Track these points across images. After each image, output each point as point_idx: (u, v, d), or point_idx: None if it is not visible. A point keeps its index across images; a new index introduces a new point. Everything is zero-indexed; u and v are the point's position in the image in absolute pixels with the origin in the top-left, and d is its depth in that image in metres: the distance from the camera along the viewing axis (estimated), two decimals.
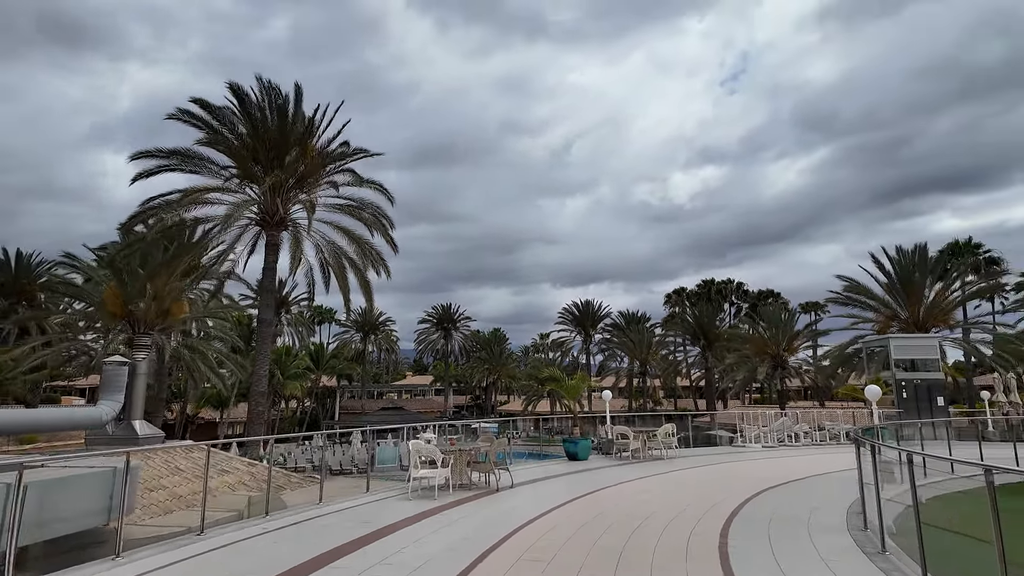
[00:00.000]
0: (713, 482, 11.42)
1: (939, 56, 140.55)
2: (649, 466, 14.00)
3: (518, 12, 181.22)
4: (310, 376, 56.50)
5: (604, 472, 12.92)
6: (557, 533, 7.10)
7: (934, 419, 21.99)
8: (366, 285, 22.70)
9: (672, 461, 14.91)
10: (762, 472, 13.01)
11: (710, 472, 13.20)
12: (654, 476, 12.18)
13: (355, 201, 22.44)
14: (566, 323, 72.05)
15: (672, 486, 10.89)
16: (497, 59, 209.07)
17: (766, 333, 46.73)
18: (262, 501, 9.56)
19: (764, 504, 9.17)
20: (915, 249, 31.01)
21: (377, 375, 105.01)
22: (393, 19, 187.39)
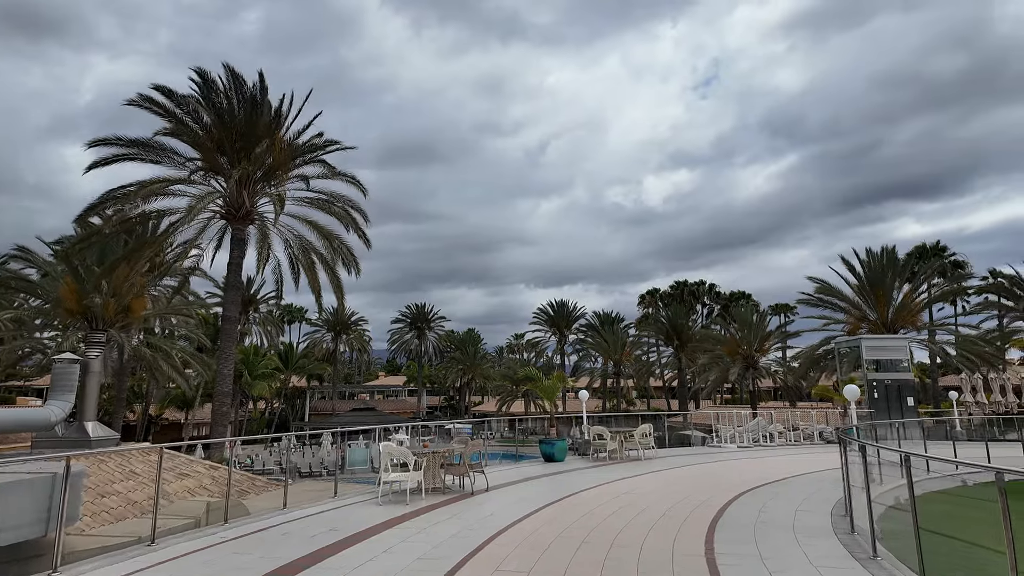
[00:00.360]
0: (693, 483, 11.17)
1: (900, 67, 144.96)
2: (627, 467, 13.72)
3: (493, 14, 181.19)
4: (279, 376, 55.21)
5: (581, 474, 12.59)
6: (535, 541, 6.71)
7: (904, 419, 22.27)
8: (337, 282, 22.01)
9: (650, 462, 14.67)
10: (741, 473, 12.85)
11: (689, 473, 12.97)
12: (633, 478, 11.90)
13: (326, 195, 21.76)
14: (541, 323, 71.90)
15: (651, 488, 10.60)
16: (472, 59, 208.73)
17: (738, 334, 47.16)
18: (222, 507, 8.98)
19: (747, 507, 8.93)
20: (883, 251, 31.51)
21: (349, 376, 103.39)
22: (368, 16, 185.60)
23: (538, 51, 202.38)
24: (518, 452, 18.08)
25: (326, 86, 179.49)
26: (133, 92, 19.23)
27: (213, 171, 20.92)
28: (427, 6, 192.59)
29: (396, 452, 9.61)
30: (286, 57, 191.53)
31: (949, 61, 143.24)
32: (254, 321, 64.47)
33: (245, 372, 47.98)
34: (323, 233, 21.48)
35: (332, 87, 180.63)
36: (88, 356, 12.70)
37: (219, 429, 19.91)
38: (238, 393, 52.16)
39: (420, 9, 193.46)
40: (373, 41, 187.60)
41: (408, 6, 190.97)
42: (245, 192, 20.48)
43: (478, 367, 75.70)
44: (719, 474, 12.72)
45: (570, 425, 32.28)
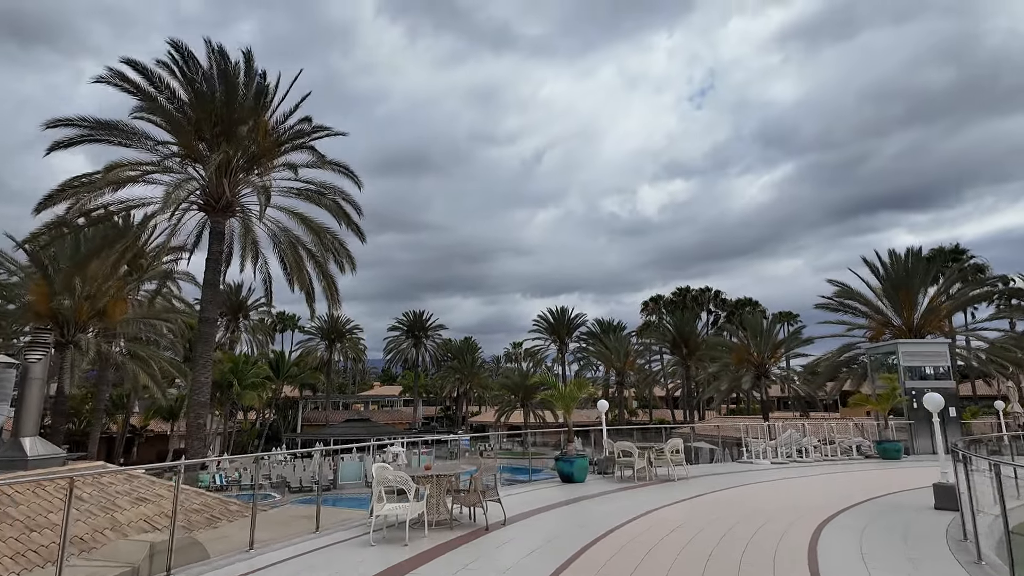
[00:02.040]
0: (753, 512, 9.21)
1: (890, 80, 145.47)
2: (660, 490, 11.77)
3: (487, 24, 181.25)
4: (270, 386, 52.98)
5: (611, 499, 10.62)
6: None
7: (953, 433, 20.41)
8: (329, 281, 20.08)
9: (686, 483, 12.71)
10: (797, 498, 10.92)
11: (737, 498, 11.00)
12: (675, 504, 9.95)
13: (316, 185, 19.84)
14: (540, 331, 69.96)
15: (705, 520, 8.65)
16: (467, 70, 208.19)
17: (749, 341, 45.31)
18: (180, 546, 6.97)
19: (840, 545, 6.99)
20: (908, 252, 29.78)
21: (343, 386, 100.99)
22: (361, 27, 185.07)
23: (531, 62, 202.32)
24: (530, 466, 16.06)
25: (320, 95, 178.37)
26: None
27: (191, 157, 19.01)
28: (421, 16, 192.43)
29: (392, 477, 7.64)
30: (280, 67, 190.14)
31: (938, 74, 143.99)
32: (244, 329, 62.37)
33: (235, 381, 45.81)
34: (312, 227, 19.54)
35: (326, 96, 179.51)
36: (29, 360, 10.69)
37: (195, 443, 17.83)
38: (227, 403, 49.97)
39: (414, 18, 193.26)
40: (366, 51, 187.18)
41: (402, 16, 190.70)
42: (226, 181, 18.57)
43: (476, 376, 73.65)
44: (773, 499, 10.77)
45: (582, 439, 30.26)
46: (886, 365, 23.03)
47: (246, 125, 17.51)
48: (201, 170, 19.15)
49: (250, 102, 18.16)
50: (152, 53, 22.01)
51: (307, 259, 19.80)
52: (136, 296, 32.13)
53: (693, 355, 51.49)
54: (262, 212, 18.78)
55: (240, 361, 47.22)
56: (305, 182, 19.98)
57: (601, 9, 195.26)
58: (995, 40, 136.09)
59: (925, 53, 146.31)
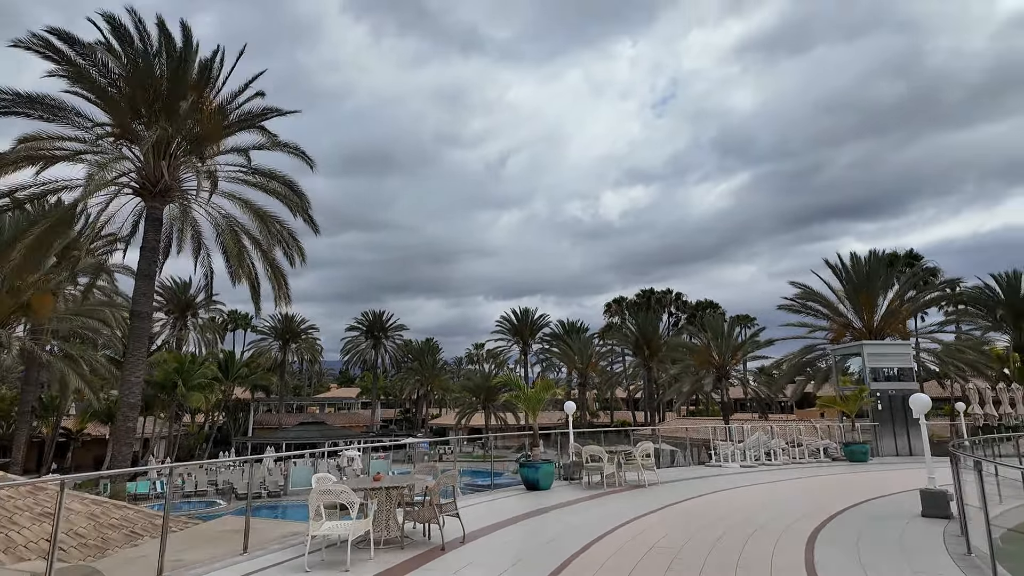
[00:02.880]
0: (734, 521, 8.46)
1: (843, 93, 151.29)
2: (632, 498, 10.97)
3: (453, 27, 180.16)
4: (218, 387, 50.50)
5: (581, 510, 9.75)
6: None
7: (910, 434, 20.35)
8: (277, 274, 18.64)
9: (657, 490, 11.95)
10: (782, 504, 10.25)
11: (714, 505, 10.28)
12: (649, 515, 9.13)
13: (265, 171, 18.39)
14: (503, 333, 69.06)
15: (686, 532, 7.85)
16: (432, 71, 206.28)
17: (710, 343, 45.42)
18: None
19: (840, 563, 6.24)
20: (871, 255, 30.04)
21: (298, 388, 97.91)
22: (327, 22, 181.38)
23: (498, 65, 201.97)
24: (492, 471, 15.11)
25: (283, 90, 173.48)
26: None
27: (127, 138, 17.37)
28: (386, 15, 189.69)
29: (332, 491, 6.56)
30: (242, 60, 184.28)
31: (888, 89, 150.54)
32: (193, 328, 59.47)
33: (179, 382, 43.35)
34: (258, 214, 18.08)
35: (288, 91, 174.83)
36: None
37: (123, 449, 16.18)
38: (172, 405, 47.31)
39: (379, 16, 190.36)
40: (331, 47, 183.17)
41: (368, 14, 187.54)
42: (164, 163, 17.02)
43: (436, 378, 72.24)
44: (753, 507, 10.07)
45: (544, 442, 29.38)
46: (847, 367, 22.97)
47: (186, 101, 15.99)
48: (138, 151, 17.53)
49: (192, 77, 16.66)
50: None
51: (253, 250, 18.36)
52: (70, 290, 29.82)
53: (655, 357, 51.43)
54: (209, 196, 17.30)
55: (186, 361, 44.76)
56: (254, 167, 18.55)
57: (568, 15, 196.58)
58: (939, 59, 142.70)
59: (876, 68, 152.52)
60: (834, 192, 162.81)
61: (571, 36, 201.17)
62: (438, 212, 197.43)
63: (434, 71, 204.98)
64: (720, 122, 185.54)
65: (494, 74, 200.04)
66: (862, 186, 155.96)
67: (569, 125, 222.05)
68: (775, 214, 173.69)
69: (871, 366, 21.11)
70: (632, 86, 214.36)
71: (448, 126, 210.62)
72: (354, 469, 44.62)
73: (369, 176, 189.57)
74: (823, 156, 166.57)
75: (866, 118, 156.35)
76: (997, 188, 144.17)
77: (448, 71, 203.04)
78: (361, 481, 7.74)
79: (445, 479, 7.56)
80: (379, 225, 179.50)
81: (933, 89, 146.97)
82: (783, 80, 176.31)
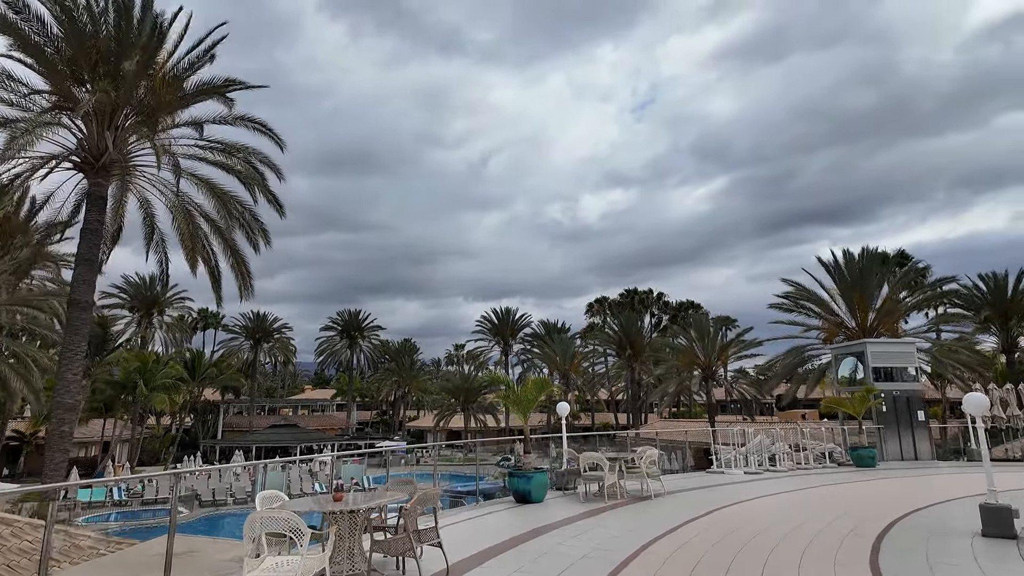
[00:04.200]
0: (779, 548, 7.03)
1: (817, 101, 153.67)
2: (639, 513, 9.54)
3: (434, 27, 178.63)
4: (184, 388, 48.05)
5: (583, 530, 8.26)
6: None
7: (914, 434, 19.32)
8: (239, 260, 16.85)
9: (663, 502, 10.55)
10: (815, 519, 8.85)
11: (742, 523, 8.82)
12: (669, 535, 7.68)
13: (225, 145, 16.56)
14: (484, 333, 67.48)
15: (724, 562, 6.41)
16: (413, 71, 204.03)
17: (696, 343, 44.41)
18: None
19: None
20: (864, 252, 29.18)
21: (272, 389, 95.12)
22: (305, 20, 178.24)
23: (480, 67, 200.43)
24: (476, 475, 13.60)
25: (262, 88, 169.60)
26: None
27: (67, 108, 15.47)
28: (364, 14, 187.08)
29: (281, 519, 4.98)
30: (218, 57, 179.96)
31: (861, 97, 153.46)
32: (159, 327, 56.82)
33: (140, 382, 40.94)
34: (216, 191, 16.26)
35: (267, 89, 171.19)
36: None
37: (56, 456, 14.26)
38: (134, 407, 44.80)
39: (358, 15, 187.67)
40: (310, 45, 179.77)
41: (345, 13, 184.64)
42: (109, 134, 15.17)
43: (415, 379, 70.34)
44: (782, 523, 8.65)
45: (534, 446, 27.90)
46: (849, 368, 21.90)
47: (131, 61, 14.19)
48: (81, 124, 15.64)
49: (141, 37, 14.82)
50: None
51: (212, 235, 16.56)
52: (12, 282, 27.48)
53: (639, 357, 50.30)
54: (158, 167, 15.42)
55: (149, 360, 42.35)
56: (213, 142, 16.73)
57: (550, 18, 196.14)
58: (911, 68, 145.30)
59: (849, 77, 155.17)
60: (809, 197, 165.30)
61: (553, 39, 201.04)
62: (418, 213, 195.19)
63: (414, 71, 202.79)
64: (698, 127, 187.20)
65: (476, 75, 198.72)
66: (836, 192, 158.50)
67: (551, 128, 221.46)
68: (752, 218, 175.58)
69: (874, 365, 20.04)
70: (613, 90, 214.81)
71: (429, 126, 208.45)
72: (326, 474, 42.68)
73: (348, 176, 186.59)
74: (797, 162, 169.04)
75: (839, 125, 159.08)
76: (964, 196, 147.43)
77: (429, 71, 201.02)
78: (318, 501, 6.16)
79: (424, 498, 6.02)
80: (358, 225, 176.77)
81: (904, 98, 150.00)
82: (759, 87, 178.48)
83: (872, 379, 19.79)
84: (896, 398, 19.62)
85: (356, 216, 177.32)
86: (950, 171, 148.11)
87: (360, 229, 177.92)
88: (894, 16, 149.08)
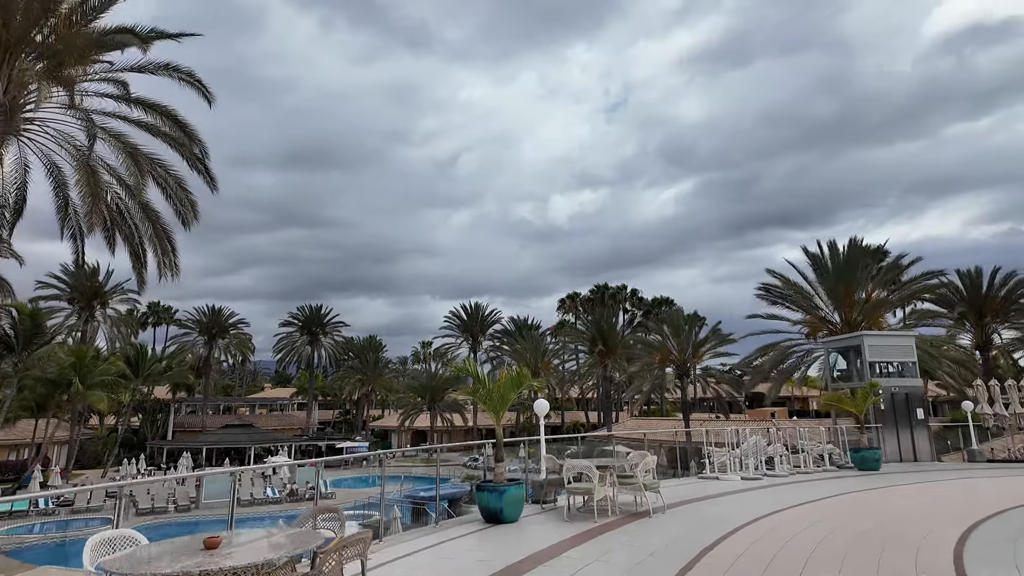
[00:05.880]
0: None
1: (780, 107, 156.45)
2: (641, 536, 7.60)
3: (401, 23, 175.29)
4: (128, 386, 44.52)
5: (575, 565, 6.28)
6: None
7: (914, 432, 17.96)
8: (159, 230, 14.36)
9: (661, 520, 8.66)
10: (844, 537, 7.04)
11: (772, 545, 6.96)
12: (693, 570, 5.75)
13: (143, 101, 14.04)
14: (452, 329, 65.20)
15: None
16: (381, 67, 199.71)
17: (671, 340, 43.07)
18: None
19: None
20: (851, 243, 28.03)
21: (229, 388, 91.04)
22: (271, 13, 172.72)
23: (450, 64, 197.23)
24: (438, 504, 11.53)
25: (221, 79, 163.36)
26: None
27: None
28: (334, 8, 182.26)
29: None
30: (178, 46, 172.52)
31: (821, 105, 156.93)
32: (103, 320, 52.92)
33: (76, 380, 37.48)
34: (128, 149, 13.69)
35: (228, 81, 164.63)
36: None
37: None
38: (71, 406, 41.19)
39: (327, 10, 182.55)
40: (276, 38, 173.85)
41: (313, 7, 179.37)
42: (1, 81, 12.57)
43: (379, 378, 67.63)
44: (826, 550, 6.81)
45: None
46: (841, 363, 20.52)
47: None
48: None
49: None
50: None
51: (127, 199, 14.04)
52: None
53: (611, 354, 48.78)
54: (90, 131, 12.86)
55: (86, 355, 38.90)
56: (133, 98, 14.20)
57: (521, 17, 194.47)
58: (867, 78, 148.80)
59: (809, 84, 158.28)
60: (771, 201, 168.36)
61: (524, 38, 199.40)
62: (385, 211, 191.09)
63: (383, 67, 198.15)
64: (666, 130, 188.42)
65: (446, 72, 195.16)
66: (796, 196, 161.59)
67: (522, 127, 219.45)
68: (716, 221, 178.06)
69: (871, 360, 18.63)
70: (586, 91, 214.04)
71: (396, 123, 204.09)
72: (281, 478, 39.88)
73: (313, 172, 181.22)
74: (761, 167, 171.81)
75: (800, 132, 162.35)
76: (919, 201, 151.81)
77: (397, 68, 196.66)
78: (187, 548, 4.01)
79: (347, 546, 3.93)
80: (323, 222, 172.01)
81: (861, 107, 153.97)
82: (726, 92, 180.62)
83: (870, 374, 18.39)
84: (895, 395, 18.24)
85: (321, 212, 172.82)
86: (902, 179, 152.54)
87: (324, 226, 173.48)
88: (855, 26, 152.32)
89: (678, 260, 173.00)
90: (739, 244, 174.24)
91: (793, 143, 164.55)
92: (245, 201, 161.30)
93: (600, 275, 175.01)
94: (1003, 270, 31.92)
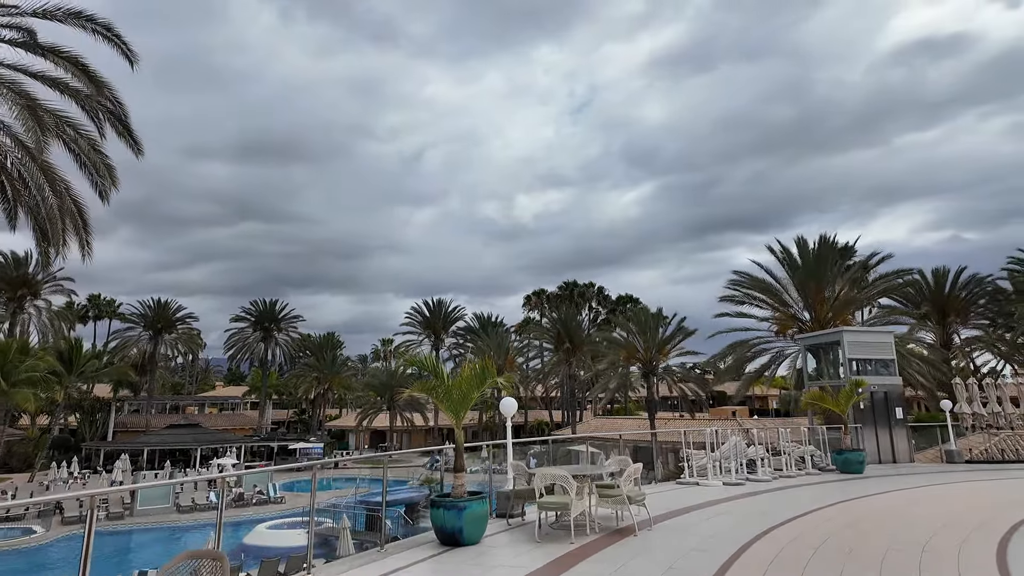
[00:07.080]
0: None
1: (741, 112, 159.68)
2: (632, 560, 6.28)
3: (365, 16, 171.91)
4: (59, 383, 41.30)
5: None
6: None
7: None
8: (62, 199, 12.35)
9: (650, 537, 7.38)
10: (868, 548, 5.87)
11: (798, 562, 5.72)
12: None
13: (49, 48, 12.03)
14: (414, 326, 63.18)
15: None
16: (346, 61, 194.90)
17: (636, 337, 42.30)
18: None
19: None
20: (822, 240, 27.54)
21: (179, 386, 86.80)
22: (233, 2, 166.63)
23: (416, 60, 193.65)
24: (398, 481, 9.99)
25: (180, 68, 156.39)
26: None
27: None
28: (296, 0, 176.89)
29: None
30: (134, 33, 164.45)
31: (780, 111, 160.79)
32: (34, 312, 49.20)
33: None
34: (20, 98, 11.56)
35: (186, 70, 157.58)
36: None
37: None
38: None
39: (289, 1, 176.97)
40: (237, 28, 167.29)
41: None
42: None
43: (337, 376, 65.06)
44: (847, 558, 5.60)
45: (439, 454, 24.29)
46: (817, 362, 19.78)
47: None
48: None
49: None
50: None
51: (29, 162, 12.00)
52: None
53: (577, 352, 47.81)
54: None
55: (10, 350, 35.72)
56: (40, 47, 12.17)
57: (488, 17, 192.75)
58: (824, 87, 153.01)
59: (769, 91, 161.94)
60: (730, 204, 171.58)
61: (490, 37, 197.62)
62: (348, 206, 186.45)
63: (347, 61, 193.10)
64: (629, 132, 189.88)
65: (411, 68, 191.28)
66: (754, 200, 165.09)
67: (487, 126, 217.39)
68: (678, 223, 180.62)
69: (851, 357, 17.88)
70: (551, 92, 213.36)
71: (361, 118, 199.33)
72: (229, 483, 37.44)
73: (274, 165, 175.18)
74: (721, 171, 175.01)
75: (759, 137, 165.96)
76: (869, 208, 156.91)
77: (362, 62, 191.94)
78: None
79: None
80: (283, 216, 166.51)
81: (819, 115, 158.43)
82: (688, 96, 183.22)
83: (850, 372, 17.64)
84: (874, 393, 17.52)
85: (281, 206, 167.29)
86: (856, 185, 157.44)
87: (284, 220, 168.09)
88: (813, 35, 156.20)
89: (641, 261, 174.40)
90: (700, 246, 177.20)
91: (753, 148, 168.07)
92: (203, 193, 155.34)
93: (565, 274, 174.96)
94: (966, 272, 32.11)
